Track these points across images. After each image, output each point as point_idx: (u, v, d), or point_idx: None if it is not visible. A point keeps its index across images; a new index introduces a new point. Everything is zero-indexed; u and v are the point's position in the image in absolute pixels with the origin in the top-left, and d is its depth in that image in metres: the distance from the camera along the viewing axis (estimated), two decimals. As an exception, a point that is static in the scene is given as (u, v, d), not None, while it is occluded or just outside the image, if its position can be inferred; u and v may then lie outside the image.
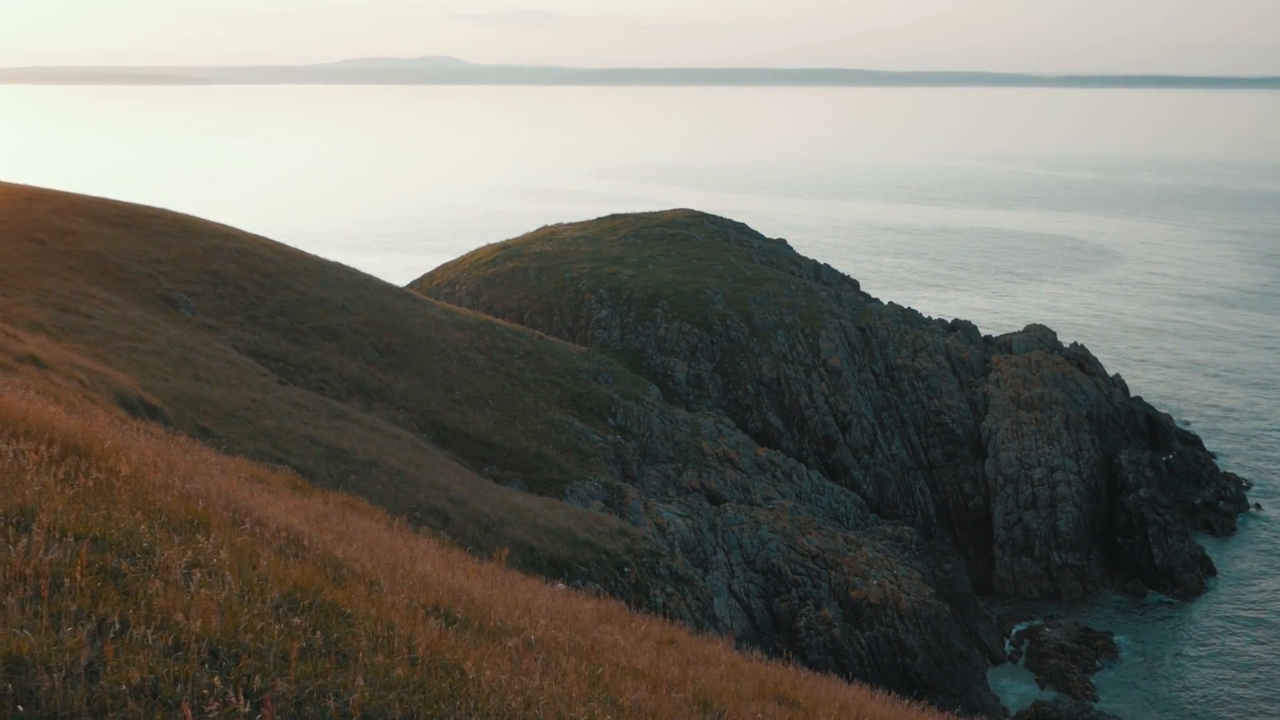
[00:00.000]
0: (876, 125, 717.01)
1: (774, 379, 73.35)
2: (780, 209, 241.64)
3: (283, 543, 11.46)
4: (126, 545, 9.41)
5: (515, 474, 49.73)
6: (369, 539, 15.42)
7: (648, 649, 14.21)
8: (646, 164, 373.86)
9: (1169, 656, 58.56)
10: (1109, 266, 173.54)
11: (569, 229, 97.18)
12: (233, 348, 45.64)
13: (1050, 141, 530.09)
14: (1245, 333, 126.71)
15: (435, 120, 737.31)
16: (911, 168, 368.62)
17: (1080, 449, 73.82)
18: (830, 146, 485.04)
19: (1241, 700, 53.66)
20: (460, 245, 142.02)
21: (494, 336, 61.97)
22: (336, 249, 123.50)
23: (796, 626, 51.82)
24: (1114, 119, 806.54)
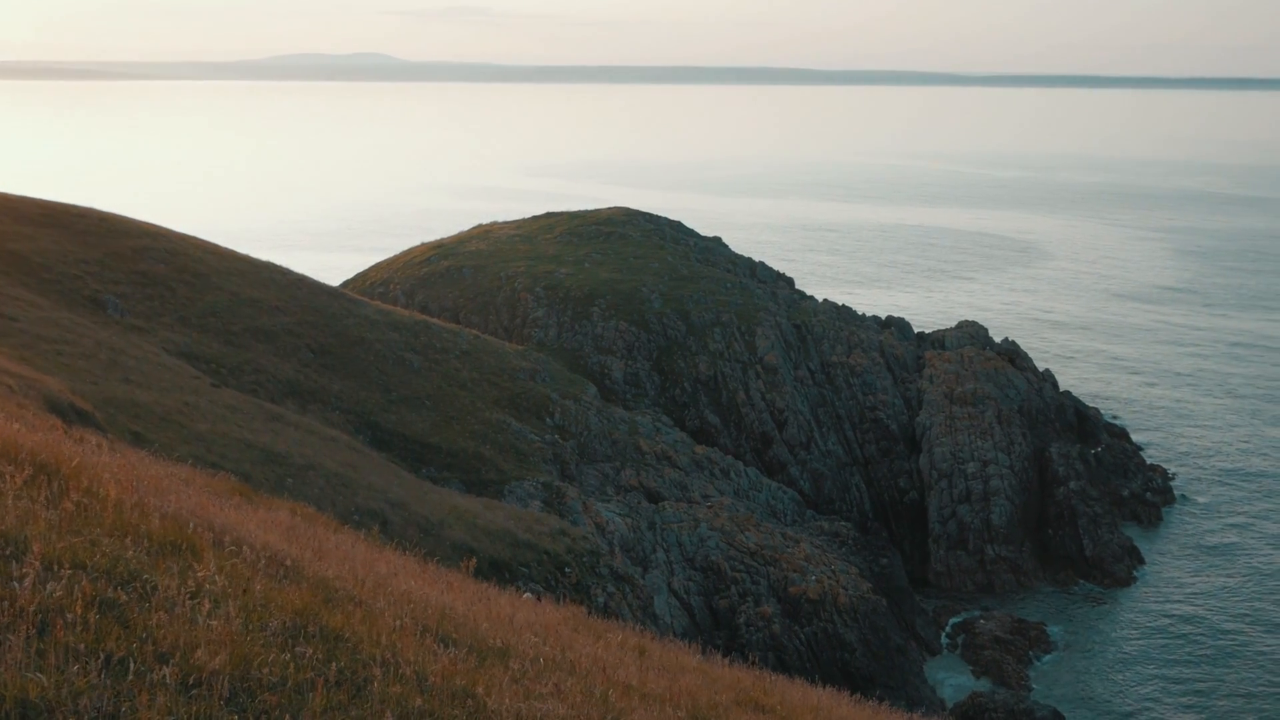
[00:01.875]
0: (814, 124, 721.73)
1: (711, 377, 73.60)
2: (716, 207, 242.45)
3: (267, 564, 11.24)
4: (122, 574, 9.07)
5: (453, 475, 49.49)
6: (343, 554, 15.27)
7: (628, 661, 14.25)
8: (582, 162, 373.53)
9: (1100, 645, 59.53)
10: (1038, 263, 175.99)
11: (504, 227, 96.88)
12: (163, 350, 45.00)
13: (983, 141, 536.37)
14: (1169, 328, 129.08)
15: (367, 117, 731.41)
16: (847, 166, 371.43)
17: (1012, 443, 74.80)
18: (767, 145, 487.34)
19: (1170, 686, 54.67)
20: (393, 244, 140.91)
21: (430, 336, 61.61)
22: (267, 248, 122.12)
23: (736, 623, 52.05)
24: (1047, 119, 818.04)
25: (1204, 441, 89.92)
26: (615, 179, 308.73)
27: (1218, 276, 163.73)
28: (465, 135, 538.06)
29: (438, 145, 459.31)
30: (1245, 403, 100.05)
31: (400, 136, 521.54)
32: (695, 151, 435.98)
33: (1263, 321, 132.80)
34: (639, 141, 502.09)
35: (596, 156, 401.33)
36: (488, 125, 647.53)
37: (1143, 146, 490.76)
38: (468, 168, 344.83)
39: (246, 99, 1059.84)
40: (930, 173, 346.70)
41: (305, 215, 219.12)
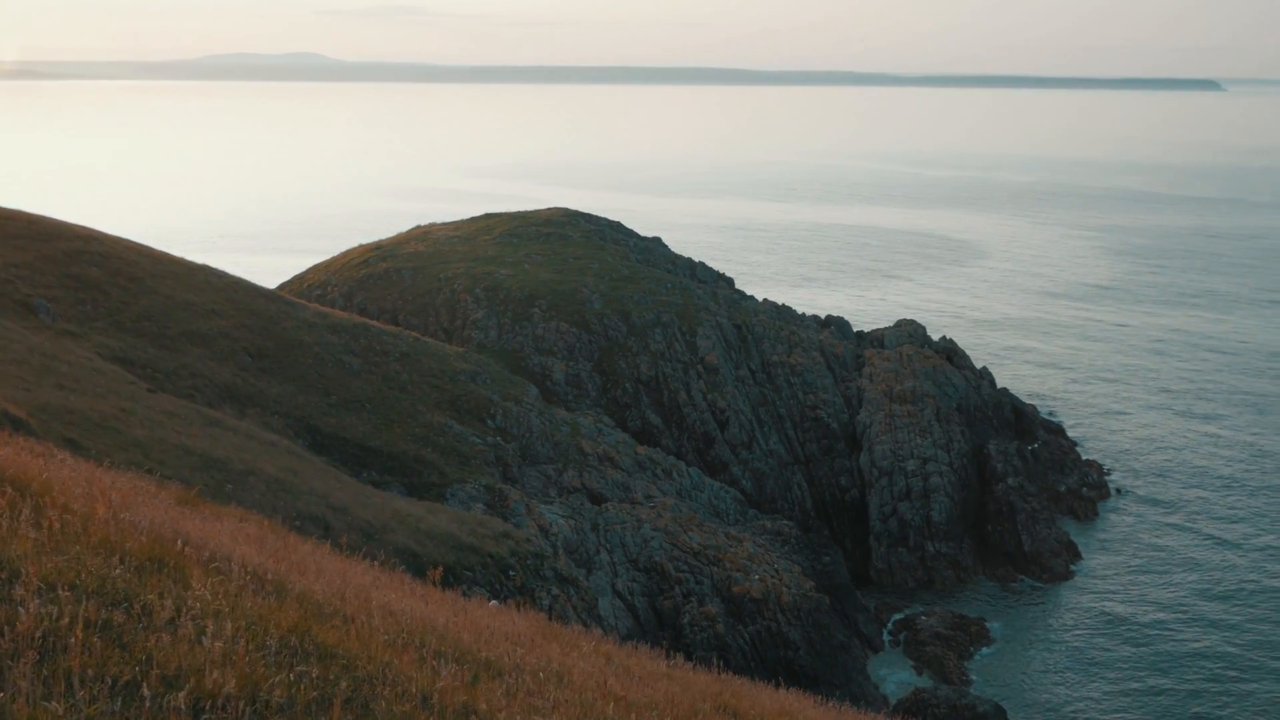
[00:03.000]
0: (753, 125, 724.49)
1: (652, 377, 73.60)
2: (655, 207, 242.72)
3: (251, 580, 11.00)
4: (115, 595, 8.81)
5: (394, 478, 49.06)
6: (318, 566, 15.05)
7: (607, 669, 14.16)
8: (520, 163, 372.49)
9: (1040, 639, 60.23)
10: (974, 262, 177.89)
11: (443, 229, 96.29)
12: (97, 355, 44.20)
13: (921, 141, 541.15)
14: (1102, 326, 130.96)
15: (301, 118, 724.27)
16: (786, 166, 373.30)
17: (951, 440, 75.49)
18: (706, 146, 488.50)
19: (1108, 679, 55.41)
20: (330, 246, 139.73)
21: (369, 339, 61.05)
22: (201, 251, 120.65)
23: (680, 624, 52.06)
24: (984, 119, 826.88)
25: (1138, 437, 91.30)
26: (553, 179, 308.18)
27: (1148, 274, 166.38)
28: (401, 136, 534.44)
29: (373, 146, 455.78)
30: (1176, 398, 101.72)
31: (335, 137, 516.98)
32: (633, 152, 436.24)
33: (1192, 318, 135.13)
34: (577, 142, 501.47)
35: (534, 157, 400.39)
36: (424, 126, 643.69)
37: (1076, 146, 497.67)
38: (404, 168, 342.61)
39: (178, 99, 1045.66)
40: (868, 173, 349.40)
41: (239, 217, 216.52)
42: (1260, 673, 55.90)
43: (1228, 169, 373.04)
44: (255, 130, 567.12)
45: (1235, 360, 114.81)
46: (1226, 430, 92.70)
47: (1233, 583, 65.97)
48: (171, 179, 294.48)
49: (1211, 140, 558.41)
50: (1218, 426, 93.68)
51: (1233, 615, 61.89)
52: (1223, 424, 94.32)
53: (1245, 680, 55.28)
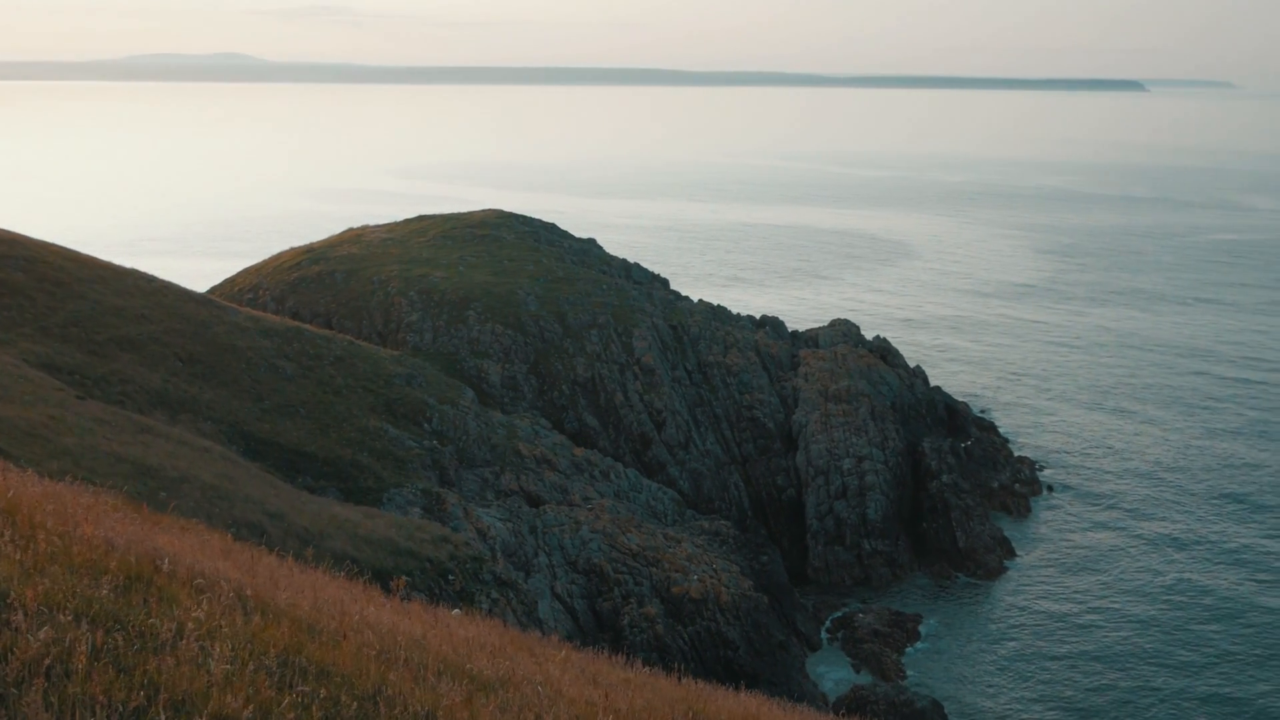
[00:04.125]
0: (686, 126, 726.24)
1: (589, 379, 73.48)
2: (589, 208, 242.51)
3: (234, 596, 10.77)
4: (108, 616, 8.58)
5: (330, 483, 48.56)
6: (287, 578, 14.82)
7: (580, 680, 14.11)
8: (452, 164, 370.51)
9: (975, 635, 60.89)
10: (905, 261, 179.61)
11: (376, 230, 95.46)
12: (24, 361, 43.29)
13: (852, 142, 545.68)
14: (1030, 324, 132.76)
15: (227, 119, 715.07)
16: (719, 167, 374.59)
17: (886, 439, 76.11)
18: (639, 146, 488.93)
19: (1042, 673, 56.15)
20: (261, 249, 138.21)
21: (302, 343, 60.38)
22: (127, 255, 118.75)
23: (620, 625, 52.01)
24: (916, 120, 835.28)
25: (1068, 433, 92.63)
26: (487, 181, 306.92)
27: (1075, 273, 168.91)
28: (331, 137, 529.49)
29: (302, 147, 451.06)
30: (1105, 395, 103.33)
31: (263, 138, 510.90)
32: (566, 153, 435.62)
33: (1118, 316, 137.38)
34: (509, 143, 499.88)
35: (467, 158, 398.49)
36: (354, 127, 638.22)
37: (1004, 146, 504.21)
38: (334, 170, 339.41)
39: (100, 100, 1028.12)
40: (800, 173, 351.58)
41: (164, 220, 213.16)
42: (1189, 669, 56.93)
43: (1151, 168, 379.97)
44: (180, 131, 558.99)
45: (1161, 358, 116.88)
46: (1154, 427, 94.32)
47: (1163, 578, 67.13)
48: (94, 181, 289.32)
49: (1135, 140, 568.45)
50: (1145, 423, 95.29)
51: (1162, 612, 62.97)
52: (1150, 421, 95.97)
53: (1174, 676, 56.28)
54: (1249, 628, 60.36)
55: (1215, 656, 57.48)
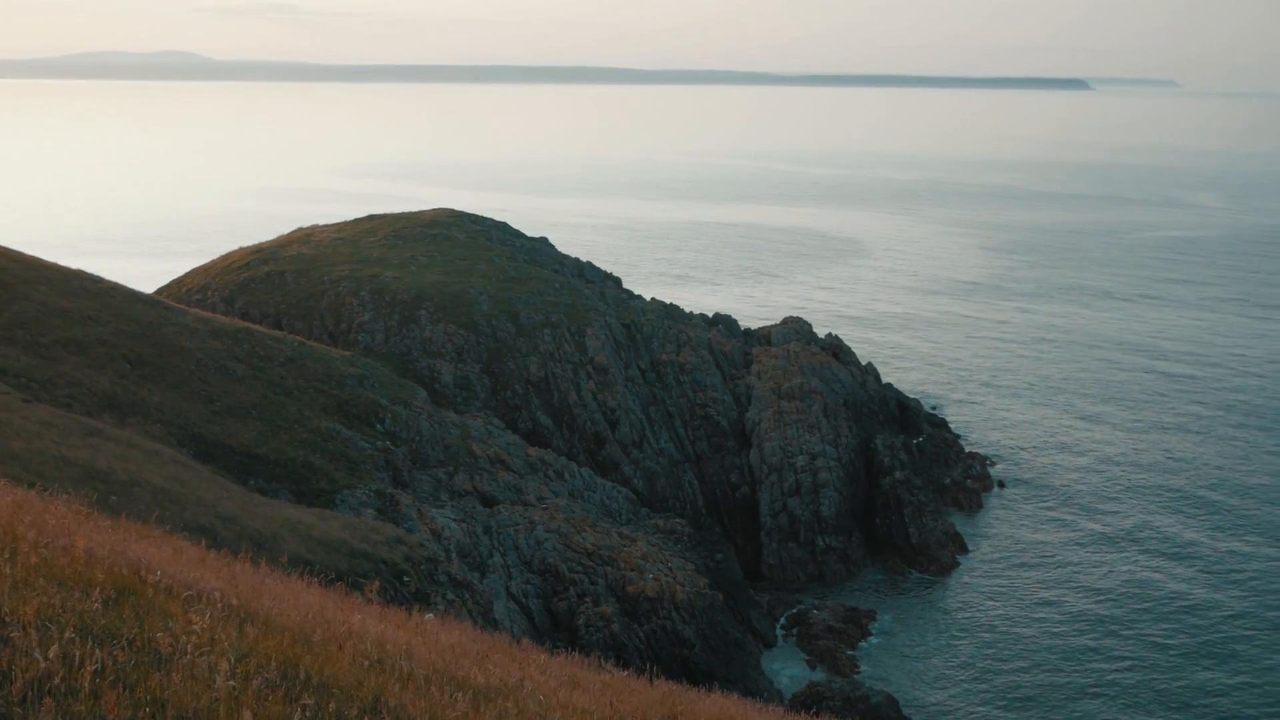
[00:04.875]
0: (636, 124, 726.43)
1: (542, 378, 73.30)
2: (540, 207, 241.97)
3: (223, 609, 10.59)
4: (105, 632, 8.39)
5: (282, 485, 48.10)
6: (265, 585, 14.63)
7: (565, 685, 14.06)
8: (402, 163, 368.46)
9: (928, 629, 61.31)
10: (856, 259, 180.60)
11: (326, 230, 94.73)
12: (-32, 364, 42.57)
13: (802, 140, 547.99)
14: (980, 321, 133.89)
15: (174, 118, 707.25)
16: (669, 165, 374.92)
17: (839, 436, 76.47)
18: (589, 145, 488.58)
19: (994, 666, 56.64)
20: (209, 249, 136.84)
21: (253, 344, 59.78)
22: (72, 256, 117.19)
23: (576, 625, 51.91)
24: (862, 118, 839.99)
25: (1018, 429, 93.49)
26: (436, 180, 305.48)
27: (1023, 270, 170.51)
28: (278, 136, 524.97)
29: (250, 146, 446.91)
30: (1054, 391, 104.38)
31: (210, 137, 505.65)
32: (517, 151, 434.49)
33: (1065, 313, 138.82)
34: (459, 142, 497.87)
35: (415, 157, 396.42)
36: (302, 125, 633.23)
37: (953, 145, 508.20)
38: (284, 169, 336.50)
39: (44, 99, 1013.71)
40: (751, 171, 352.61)
41: (108, 221, 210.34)
42: (1137, 664, 57.61)
43: (1097, 166, 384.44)
44: (126, 130, 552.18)
45: (1108, 354, 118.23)
46: (1102, 422, 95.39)
47: (1112, 573, 67.90)
48: (37, 182, 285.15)
49: (1082, 138, 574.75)
50: (1093, 419, 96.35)
51: (1111, 606, 63.68)
52: (1098, 416, 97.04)
53: (1123, 671, 56.95)
54: (1195, 623, 61.17)
55: (1162, 651, 58.22)
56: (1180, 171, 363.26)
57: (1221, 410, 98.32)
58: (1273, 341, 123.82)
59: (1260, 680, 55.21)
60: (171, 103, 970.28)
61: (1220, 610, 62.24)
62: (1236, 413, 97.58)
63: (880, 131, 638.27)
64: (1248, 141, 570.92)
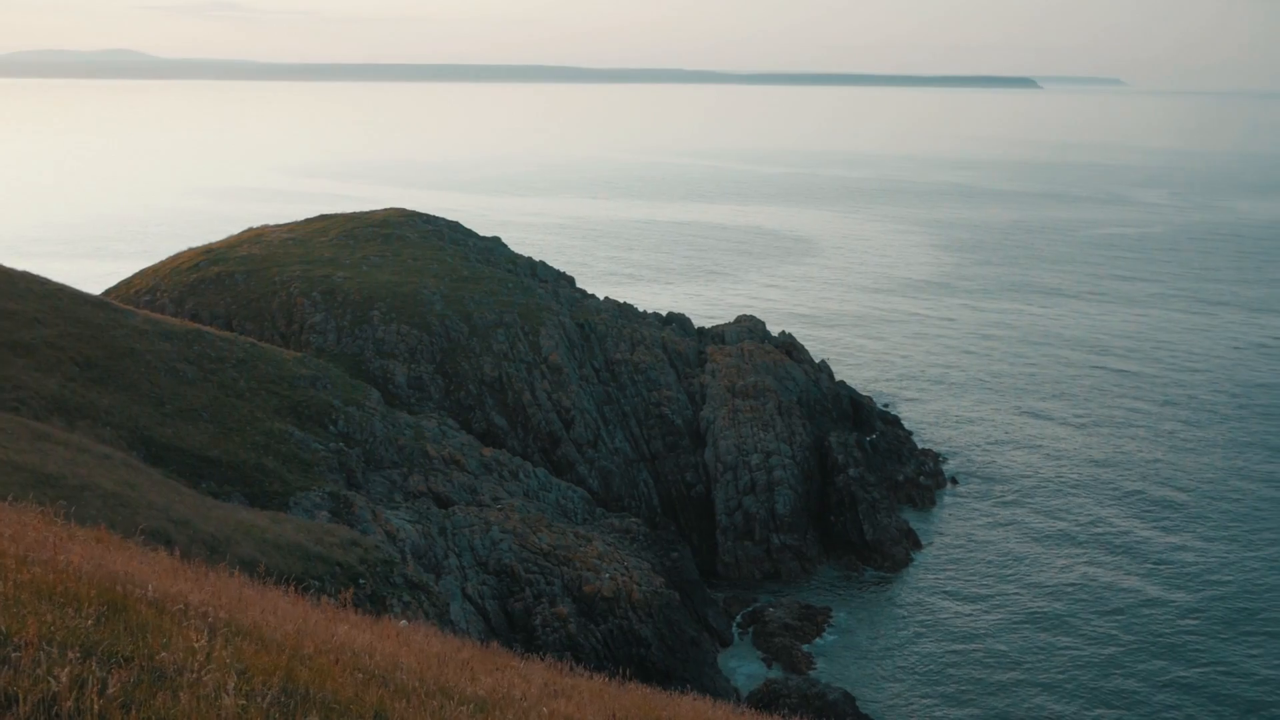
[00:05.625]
0: (587, 123, 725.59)
1: (496, 378, 73.05)
2: (492, 206, 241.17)
3: (213, 623, 10.41)
4: (116, 652, 8.22)
5: (235, 488, 47.63)
6: (241, 596, 14.45)
7: (545, 693, 14.00)
8: (351, 162, 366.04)
9: (884, 625, 61.67)
10: (808, 257, 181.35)
11: (276, 230, 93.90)
12: (-88, 368, 41.85)
13: (752, 138, 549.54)
14: (931, 319, 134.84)
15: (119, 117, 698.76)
16: (620, 164, 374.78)
17: (793, 433, 76.73)
18: (539, 144, 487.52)
19: (947, 660, 57.06)
20: (158, 249, 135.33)
21: (203, 345, 59.16)
22: (16, 258, 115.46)
23: (532, 625, 51.78)
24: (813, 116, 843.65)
25: (970, 425, 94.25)
26: (387, 179, 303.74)
27: (974, 268, 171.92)
28: (226, 135, 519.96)
29: (198, 145, 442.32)
30: (1005, 388, 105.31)
31: (156, 136, 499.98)
32: (467, 150, 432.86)
33: (1016, 310, 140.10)
34: (408, 141, 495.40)
35: (366, 156, 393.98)
36: (249, 124, 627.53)
37: (903, 143, 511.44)
38: (232, 168, 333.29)
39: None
40: (703, 170, 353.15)
41: (54, 222, 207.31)
42: (1086, 659, 58.23)
43: (1046, 164, 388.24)
44: (69, 129, 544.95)
45: (1058, 351, 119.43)
46: (1052, 419, 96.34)
47: (1063, 567, 68.59)
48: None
49: (1030, 136, 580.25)
50: (1043, 415, 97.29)
51: (1062, 602, 64.32)
52: (1048, 413, 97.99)
53: (1074, 665, 57.53)
54: (1145, 618, 61.88)
55: (1113, 647, 58.88)
56: (1127, 169, 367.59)
57: (1168, 406, 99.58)
58: (1217, 337, 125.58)
59: (1210, 676, 55.97)
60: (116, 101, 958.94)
61: (1170, 606, 63.03)
62: (1184, 408, 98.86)
63: (832, 130, 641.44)
64: (1192, 139, 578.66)
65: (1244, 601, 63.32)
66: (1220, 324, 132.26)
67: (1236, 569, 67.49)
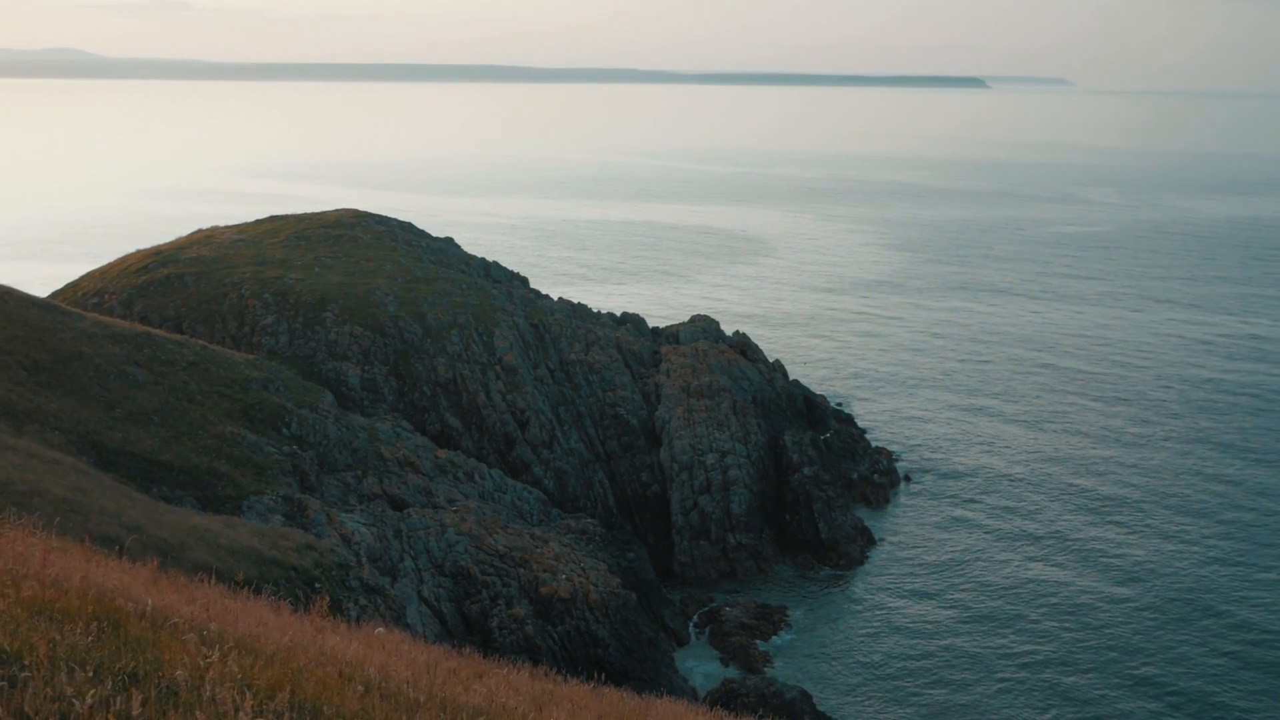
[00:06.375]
0: (538, 122, 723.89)
1: (450, 379, 72.69)
2: (444, 207, 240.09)
3: (207, 637, 10.23)
4: (129, 671, 8.05)
5: (187, 492, 47.10)
6: (221, 605, 14.24)
7: (527, 700, 13.93)
8: (302, 162, 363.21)
9: (840, 623, 61.97)
10: (761, 257, 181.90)
11: (226, 231, 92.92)
12: None
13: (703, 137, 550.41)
14: (883, 317, 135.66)
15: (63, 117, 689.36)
16: (572, 164, 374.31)
17: (748, 433, 76.90)
18: (491, 143, 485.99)
19: (902, 657, 57.41)
20: (106, 251, 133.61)
21: (154, 348, 58.46)
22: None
23: (489, 627, 51.59)
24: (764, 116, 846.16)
25: (922, 423, 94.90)
26: (338, 179, 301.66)
27: (925, 266, 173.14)
28: (173, 135, 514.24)
29: (145, 146, 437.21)
30: (956, 385, 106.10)
31: (102, 137, 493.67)
32: (418, 151, 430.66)
33: (968, 308, 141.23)
34: (360, 140, 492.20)
35: (317, 156, 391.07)
36: (197, 124, 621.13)
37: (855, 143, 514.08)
38: (180, 169, 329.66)
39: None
40: (655, 170, 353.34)
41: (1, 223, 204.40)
42: (1036, 656, 58.76)
43: (996, 163, 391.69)
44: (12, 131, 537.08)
45: (1007, 349, 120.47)
46: (1002, 415, 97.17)
47: (1015, 564, 69.19)
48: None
49: (980, 136, 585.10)
50: (995, 414, 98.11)
51: (1014, 601, 64.88)
52: (998, 410, 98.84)
53: (1026, 661, 58.04)
54: (1094, 615, 62.51)
55: (1061, 642, 59.47)
56: (1075, 168, 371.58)
57: (1116, 403, 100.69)
58: (1163, 334, 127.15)
59: (1160, 671, 56.62)
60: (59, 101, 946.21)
61: (1120, 602, 63.70)
62: (1131, 405, 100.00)
63: (784, 130, 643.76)
64: (1138, 139, 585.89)
65: (1193, 597, 64.14)
66: (1167, 321, 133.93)
67: (1185, 565, 68.35)
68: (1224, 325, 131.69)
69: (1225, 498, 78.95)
